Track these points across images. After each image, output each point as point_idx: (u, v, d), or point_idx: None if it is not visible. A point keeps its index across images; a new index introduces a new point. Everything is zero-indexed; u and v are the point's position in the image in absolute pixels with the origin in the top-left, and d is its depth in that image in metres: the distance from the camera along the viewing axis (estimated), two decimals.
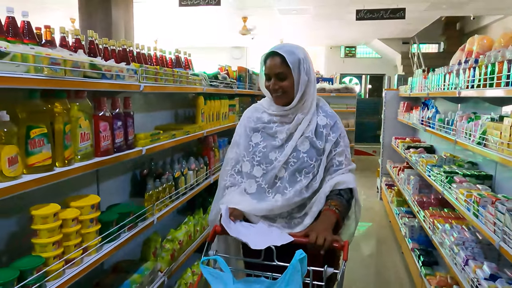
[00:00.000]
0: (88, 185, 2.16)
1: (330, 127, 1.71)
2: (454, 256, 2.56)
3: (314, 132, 1.68)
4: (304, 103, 1.69)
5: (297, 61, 1.64)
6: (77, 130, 1.67)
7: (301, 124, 1.69)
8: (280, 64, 1.64)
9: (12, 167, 1.33)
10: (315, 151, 1.67)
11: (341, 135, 1.72)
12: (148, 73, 2.24)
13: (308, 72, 1.68)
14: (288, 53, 1.63)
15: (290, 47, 1.66)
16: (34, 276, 1.37)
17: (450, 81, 3.21)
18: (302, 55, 1.66)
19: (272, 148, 1.70)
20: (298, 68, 1.64)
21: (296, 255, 1.26)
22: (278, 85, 1.66)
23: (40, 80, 1.39)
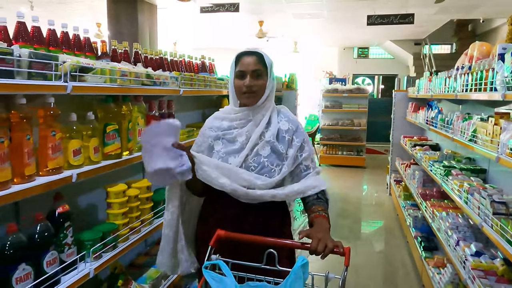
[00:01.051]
0: (137, 172, 2.61)
1: (293, 132, 1.66)
2: (448, 238, 2.92)
3: (275, 137, 1.63)
4: (265, 106, 1.65)
5: (270, 61, 1.65)
6: (136, 127, 2.11)
7: (258, 126, 1.63)
8: (257, 62, 1.61)
9: (96, 154, 1.77)
10: (277, 156, 1.60)
11: (305, 140, 1.68)
12: (185, 80, 2.68)
13: (273, 76, 1.68)
14: (264, 54, 1.64)
15: (263, 51, 1.67)
16: (110, 237, 1.81)
17: (450, 84, 3.56)
18: (271, 61, 1.67)
19: (232, 152, 1.62)
20: (271, 70, 1.65)
21: (298, 260, 1.27)
22: (254, 83, 1.59)
23: (115, 88, 1.83)
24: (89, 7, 8.10)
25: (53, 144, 1.50)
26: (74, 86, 1.55)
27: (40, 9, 7.79)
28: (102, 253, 1.76)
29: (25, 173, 1.38)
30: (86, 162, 1.72)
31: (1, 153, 1.26)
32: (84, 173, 1.65)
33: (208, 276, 1.28)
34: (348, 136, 9.05)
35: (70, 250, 1.60)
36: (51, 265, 1.45)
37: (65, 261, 1.56)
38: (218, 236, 1.50)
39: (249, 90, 1.60)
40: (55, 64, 1.48)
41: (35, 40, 1.74)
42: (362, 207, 6.14)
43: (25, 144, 1.37)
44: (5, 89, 1.25)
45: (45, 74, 1.45)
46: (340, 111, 9.09)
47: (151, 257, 2.47)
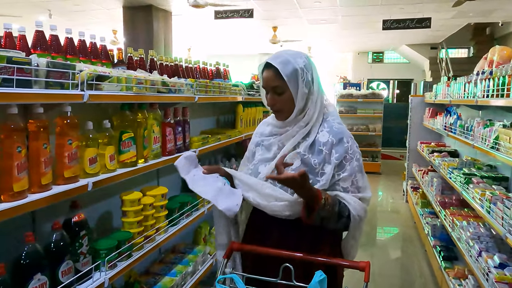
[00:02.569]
0: (151, 180, 2.60)
1: (331, 145, 1.45)
2: (469, 249, 2.83)
3: (308, 148, 1.47)
4: (304, 117, 1.49)
5: (294, 72, 1.44)
6: (152, 134, 2.10)
7: (294, 137, 1.49)
8: (275, 77, 1.45)
9: (111, 162, 1.76)
10: (308, 170, 1.42)
11: (347, 157, 1.45)
12: (200, 86, 2.67)
13: (309, 83, 1.48)
14: (283, 63, 1.44)
15: (287, 56, 1.47)
16: (125, 246, 1.80)
17: (469, 90, 3.47)
18: (300, 63, 1.46)
19: (264, 160, 1.55)
20: (296, 80, 1.44)
21: (315, 276, 1.21)
22: (275, 100, 1.48)
23: (131, 96, 1.83)
24: (106, 14, 8.23)
25: (70, 153, 1.50)
26: (91, 95, 1.55)
27: (58, 17, 7.95)
28: (117, 262, 1.75)
29: (42, 182, 1.37)
30: (102, 170, 1.71)
31: (18, 163, 1.26)
32: (100, 181, 1.64)
33: None
34: (363, 142, 8.94)
35: (86, 259, 1.59)
36: (66, 274, 1.45)
37: (80, 271, 1.55)
38: (231, 249, 1.48)
39: (273, 108, 1.50)
40: (72, 73, 1.48)
41: (53, 48, 1.75)
42: (378, 214, 6.04)
43: (42, 153, 1.37)
44: (24, 99, 1.25)
45: (62, 83, 1.45)
46: (354, 116, 9.00)
47: (166, 265, 2.46)
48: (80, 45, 1.95)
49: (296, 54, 1.49)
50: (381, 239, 5.08)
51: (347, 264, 1.42)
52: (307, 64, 1.48)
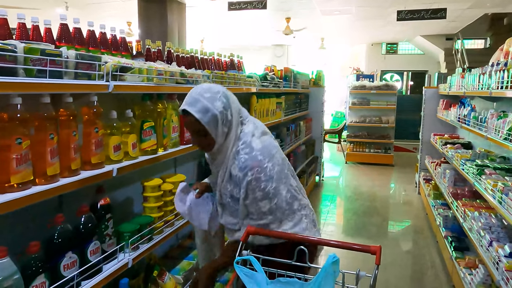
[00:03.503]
0: (169, 168, 2.69)
1: (239, 179, 1.58)
2: (480, 239, 2.86)
3: (229, 180, 1.64)
4: (223, 148, 1.62)
5: (214, 118, 1.52)
6: (171, 124, 2.18)
7: (221, 168, 1.65)
8: (195, 123, 1.53)
9: (134, 150, 1.85)
10: (235, 200, 1.65)
11: (249, 188, 1.57)
12: (216, 77, 2.74)
13: (228, 122, 1.56)
14: (202, 112, 1.50)
15: (205, 102, 1.51)
16: (147, 229, 1.90)
17: (484, 81, 3.47)
18: (219, 107, 1.52)
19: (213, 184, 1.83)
20: (216, 125, 1.53)
21: (329, 258, 1.27)
22: (198, 141, 1.61)
23: (152, 87, 1.91)
24: (121, 7, 8.33)
25: (96, 140, 1.58)
26: (115, 85, 1.63)
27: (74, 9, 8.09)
28: (139, 245, 1.84)
29: (72, 167, 1.47)
30: (125, 157, 1.80)
31: (51, 148, 1.35)
32: (123, 168, 1.73)
33: (240, 271, 1.31)
34: (376, 134, 8.93)
35: (111, 240, 1.69)
36: (94, 254, 1.54)
37: (106, 251, 1.65)
38: (248, 232, 1.55)
39: (198, 147, 1.66)
40: (98, 65, 1.56)
41: (76, 40, 1.83)
42: (390, 206, 6.06)
43: (71, 140, 1.46)
44: (56, 89, 1.34)
45: (89, 74, 1.53)
46: (367, 108, 8.98)
47: (183, 250, 2.56)
48: (101, 37, 2.03)
49: (213, 96, 1.53)
50: (393, 230, 5.12)
51: (359, 248, 1.48)
52: (225, 104, 1.55)
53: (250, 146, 1.59)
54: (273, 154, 1.62)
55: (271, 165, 1.58)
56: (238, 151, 1.59)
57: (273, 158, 1.60)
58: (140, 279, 1.91)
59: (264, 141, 1.64)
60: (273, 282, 1.32)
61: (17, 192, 1.24)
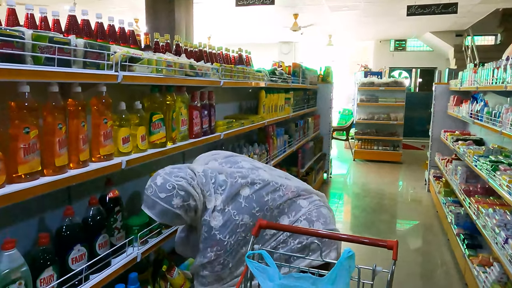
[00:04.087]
0: (177, 162, 2.65)
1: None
2: (495, 236, 2.80)
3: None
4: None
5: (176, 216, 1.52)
6: (180, 117, 2.15)
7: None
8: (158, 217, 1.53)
9: (143, 142, 1.82)
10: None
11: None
12: (226, 71, 2.70)
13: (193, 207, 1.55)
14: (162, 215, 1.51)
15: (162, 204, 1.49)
16: (156, 223, 1.86)
17: (498, 75, 3.39)
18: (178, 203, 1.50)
19: None
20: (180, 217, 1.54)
21: (344, 253, 1.24)
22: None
23: (161, 78, 1.87)
24: (128, 3, 8.32)
25: (105, 132, 1.55)
26: (124, 76, 1.60)
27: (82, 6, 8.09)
28: (148, 239, 1.81)
29: (80, 159, 1.44)
30: (134, 150, 1.77)
31: (60, 139, 1.32)
32: (132, 160, 1.70)
33: (252, 266, 1.28)
34: (384, 131, 8.84)
35: (120, 234, 1.66)
36: (103, 247, 1.52)
37: (115, 245, 1.62)
38: (259, 225, 1.50)
39: None
40: (107, 54, 1.53)
41: (85, 32, 1.80)
42: (399, 203, 5.99)
43: (80, 130, 1.43)
44: (64, 78, 1.31)
45: (98, 63, 1.50)
46: (376, 105, 8.89)
47: None
48: (110, 30, 2.00)
49: (169, 195, 1.49)
50: (402, 228, 5.05)
51: (375, 242, 1.44)
52: (184, 197, 1.50)
53: (209, 226, 1.59)
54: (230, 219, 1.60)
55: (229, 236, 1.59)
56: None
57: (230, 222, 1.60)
58: (149, 273, 1.88)
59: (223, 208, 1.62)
60: (285, 277, 1.28)
61: (25, 182, 1.21)
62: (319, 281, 1.27)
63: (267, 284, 1.26)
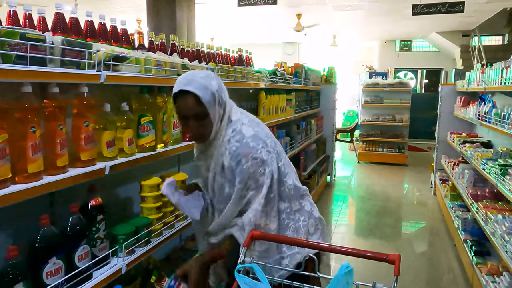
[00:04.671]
0: (172, 166, 2.56)
1: (232, 169, 1.48)
2: (505, 244, 2.66)
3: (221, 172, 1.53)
4: (216, 136, 1.52)
5: (212, 96, 1.44)
6: (171, 119, 2.05)
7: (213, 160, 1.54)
8: (194, 103, 1.43)
9: (130, 146, 1.72)
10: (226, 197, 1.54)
11: (250, 177, 1.47)
12: (222, 71, 2.60)
13: (223, 103, 1.50)
14: (201, 89, 1.42)
15: (201, 81, 1.44)
16: (144, 232, 1.76)
17: (507, 75, 3.25)
18: (215, 86, 1.46)
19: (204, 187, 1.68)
20: (214, 104, 1.45)
21: (341, 268, 1.14)
22: (199, 126, 1.47)
23: (150, 78, 1.77)
24: (130, 3, 8.26)
25: (86, 135, 1.45)
26: (108, 76, 1.50)
27: (84, 6, 8.04)
28: (135, 248, 1.71)
29: (58, 164, 1.34)
30: (120, 154, 1.67)
31: (33, 143, 1.23)
32: (117, 165, 1.60)
33: (241, 281, 1.18)
34: (389, 133, 8.69)
35: (103, 244, 1.56)
36: (83, 259, 1.42)
37: (97, 256, 1.52)
38: (252, 237, 1.40)
39: (196, 136, 1.52)
40: (88, 52, 1.43)
41: (73, 31, 1.71)
42: (405, 206, 5.85)
43: (57, 134, 1.33)
44: (37, 77, 1.21)
45: (79, 62, 1.40)
46: (380, 106, 8.74)
47: (186, 252, 2.42)
48: (101, 28, 1.91)
49: (207, 76, 1.48)
50: (407, 232, 4.91)
51: (375, 256, 1.32)
52: (219, 84, 1.50)
53: (241, 133, 1.50)
54: (265, 141, 1.52)
55: (265, 151, 1.49)
56: (229, 140, 1.50)
57: (266, 145, 1.51)
58: (136, 284, 1.78)
59: (254, 126, 1.55)
60: None
61: None
62: None
63: None
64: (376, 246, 4.22)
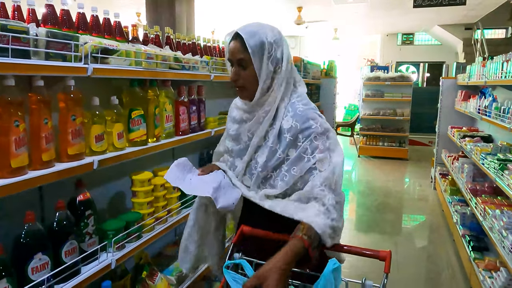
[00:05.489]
0: (166, 161, 2.54)
1: (296, 130, 1.31)
2: (502, 239, 2.64)
3: (277, 138, 1.34)
4: (269, 98, 1.34)
5: (260, 45, 1.29)
6: (164, 113, 2.02)
7: (262, 124, 1.36)
8: (240, 48, 1.31)
9: (120, 140, 1.69)
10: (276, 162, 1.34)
11: (317, 137, 1.31)
12: (217, 64, 2.56)
13: (276, 61, 1.32)
14: (250, 34, 1.30)
15: (257, 28, 1.33)
16: (135, 227, 1.75)
17: (508, 69, 3.21)
18: (270, 37, 1.31)
19: (238, 154, 1.45)
20: (261, 55, 1.29)
21: (329, 264, 1.11)
22: (238, 74, 1.33)
23: (140, 71, 1.75)
24: None
25: (73, 129, 1.43)
26: (95, 69, 1.47)
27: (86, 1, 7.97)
28: (125, 243, 1.70)
29: (43, 159, 1.32)
30: (109, 148, 1.65)
31: (16, 138, 1.20)
32: (106, 159, 1.58)
33: (229, 277, 1.15)
34: (390, 127, 8.64)
35: (91, 239, 1.54)
36: (70, 254, 1.40)
37: (85, 251, 1.50)
38: (242, 232, 1.36)
39: (236, 84, 1.35)
40: (74, 45, 1.40)
41: (64, 23, 1.68)
42: (405, 202, 5.82)
43: (43, 128, 1.31)
44: (20, 70, 1.18)
45: (65, 55, 1.37)
46: (382, 100, 8.68)
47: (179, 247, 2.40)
48: (93, 21, 1.87)
49: (267, 27, 1.35)
50: (407, 227, 4.89)
51: (367, 253, 1.30)
52: (277, 40, 1.33)
53: (307, 99, 1.39)
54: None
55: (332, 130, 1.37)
56: (293, 102, 1.36)
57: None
58: (127, 280, 1.76)
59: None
60: None
61: None
62: None
63: None
64: (376, 241, 4.20)
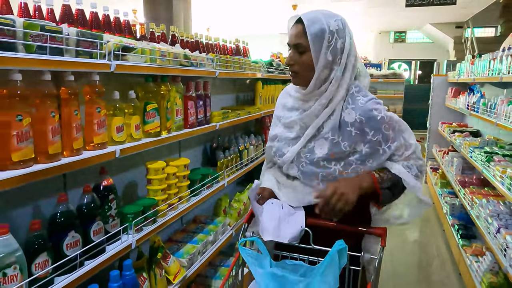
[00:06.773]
0: (174, 152, 2.68)
1: (361, 123, 1.31)
2: (488, 226, 2.82)
3: (337, 130, 1.33)
4: (326, 92, 1.33)
5: (320, 32, 1.27)
6: (174, 106, 2.16)
7: (318, 117, 1.35)
8: (299, 33, 1.30)
9: (137, 132, 1.83)
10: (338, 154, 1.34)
11: (387, 127, 1.32)
12: (221, 61, 2.70)
13: (336, 51, 1.29)
14: (311, 21, 1.27)
15: (320, 15, 1.29)
16: (151, 211, 1.89)
17: (494, 66, 3.39)
18: (332, 26, 1.28)
19: (287, 142, 1.44)
20: (320, 42, 1.27)
21: (335, 245, 1.19)
22: (294, 59, 1.33)
23: (155, 68, 1.88)
24: None
25: (98, 120, 1.57)
26: (118, 65, 1.60)
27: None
28: (143, 226, 1.84)
29: (74, 147, 1.45)
30: (128, 139, 1.79)
31: (52, 127, 1.34)
32: (126, 149, 1.71)
33: (244, 253, 1.28)
34: None
35: (114, 221, 1.68)
36: (97, 234, 1.54)
37: (109, 232, 1.64)
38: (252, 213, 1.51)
39: (290, 68, 1.35)
40: (100, 43, 1.53)
41: (79, 22, 1.80)
42: None
43: (73, 119, 1.45)
44: (57, 66, 1.32)
45: (91, 52, 1.51)
46: None
47: (187, 234, 2.55)
48: (105, 19, 2.00)
49: (331, 15, 1.31)
50: None
51: (365, 230, 1.45)
52: (340, 30, 1.30)
53: (366, 91, 1.38)
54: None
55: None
56: (352, 94, 1.35)
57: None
58: (144, 260, 1.91)
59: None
60: (278, 265, 1.28)
61: (18, 169, 1.23)
62: (310, 271, 1.25)
63: (257, 271, 1.27)
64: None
